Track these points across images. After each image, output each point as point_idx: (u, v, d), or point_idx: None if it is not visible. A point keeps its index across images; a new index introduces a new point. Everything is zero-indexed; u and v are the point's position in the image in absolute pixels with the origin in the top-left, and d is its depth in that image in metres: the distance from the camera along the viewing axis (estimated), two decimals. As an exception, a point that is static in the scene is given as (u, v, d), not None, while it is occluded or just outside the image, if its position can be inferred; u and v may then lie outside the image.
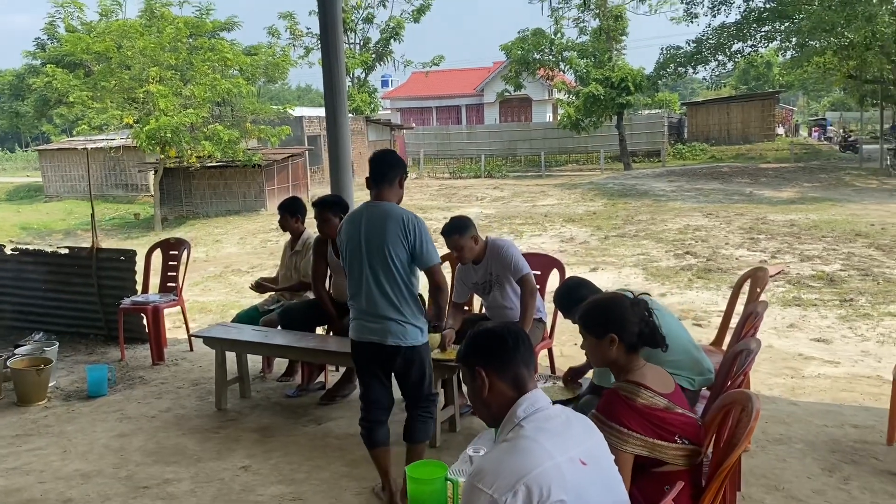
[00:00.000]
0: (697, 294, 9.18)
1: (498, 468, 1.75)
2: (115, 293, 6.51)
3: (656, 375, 2.42)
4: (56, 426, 4.81)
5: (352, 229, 3.40)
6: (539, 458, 1.74)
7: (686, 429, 2.34)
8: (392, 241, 3.28)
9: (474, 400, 2.04)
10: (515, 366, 1.97)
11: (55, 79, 19.94)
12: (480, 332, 2.05)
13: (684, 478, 2.32)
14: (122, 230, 21.39)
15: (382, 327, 3.34)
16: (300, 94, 75.64)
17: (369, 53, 32.42)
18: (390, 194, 3.40)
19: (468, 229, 4.40)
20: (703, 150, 31.99)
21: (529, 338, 2.07)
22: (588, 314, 2.50)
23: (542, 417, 1.89)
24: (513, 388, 1.95)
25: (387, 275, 3.30)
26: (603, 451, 1.96)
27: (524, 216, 17.25)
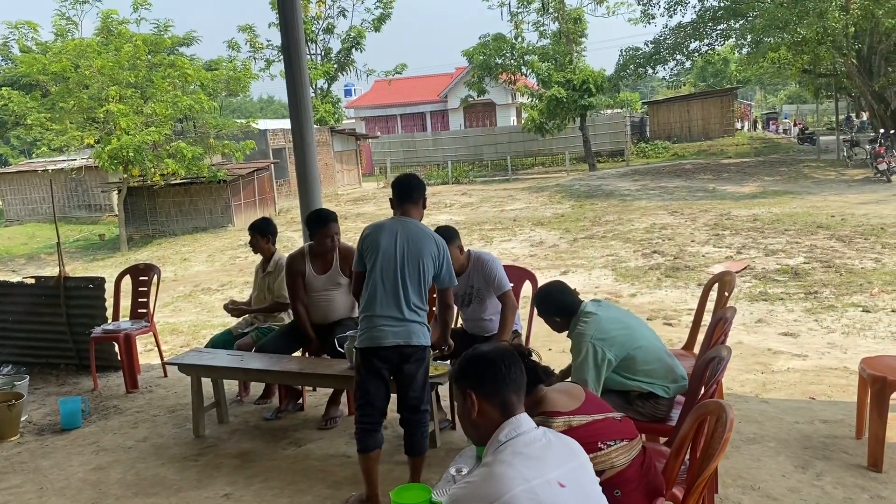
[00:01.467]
0: (667, 293, 9.32)
1: (472, 495, 1.81)
2: (85, 321, 6.42)
3: (560, 396, 2.50)
4: (30, 462, 4.73)
5: (388, 239, 3.63)
6: (511, 483, 1.79)
7: (607, 431, 2.41)
8: (426, 255, 3.63)
9: (463, 419, 2.11)
10: (505, 391, 2.03)
11: (11, 101, 19.58)
12: (475, 356, 2.11)
13: (633, 478, 2.38)
14: (88, 252, 21.04)
15: (406, 329, 3.59)
16: (262, 106, 75.20)
17: (331, 63, 32.39)
18: (416, 213, 3.77)
19: (453, 240, 4.43)
20: (666, 147, 32.49)
21: (522, 364, 2.13)
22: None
23: (522, 442, 1.94)
24: (500, 413, 2.01)
25: (415, 284, 3.61)
26: (585, 473, 2.01)
27: (493, 221, 17.35)
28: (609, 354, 3.35)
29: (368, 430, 3.59)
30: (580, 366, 3.37)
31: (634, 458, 2.40)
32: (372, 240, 3.65)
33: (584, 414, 2.44)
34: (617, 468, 2.36)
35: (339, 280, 4.92)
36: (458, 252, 4.47)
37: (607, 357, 3.35)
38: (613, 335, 3.38)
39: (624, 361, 3.40)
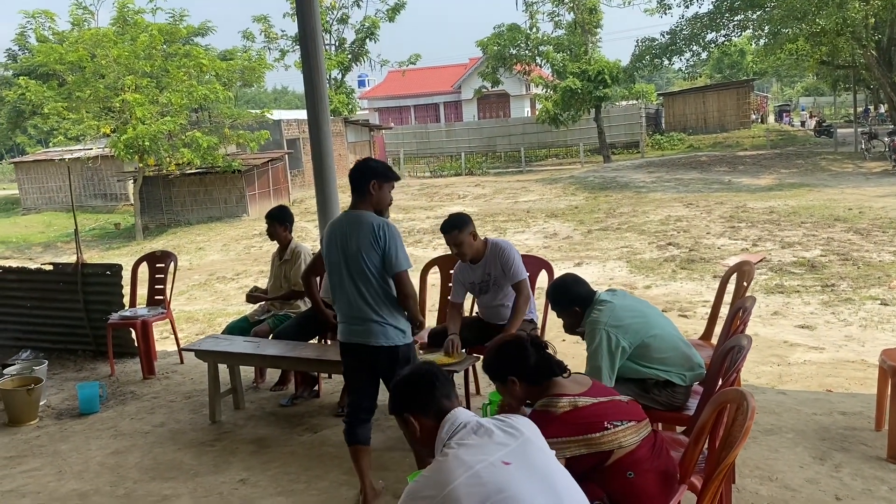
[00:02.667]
0: (682, 285, 9.28)
1: (423, 487, 1.96)
2: (102, 308, 6.47)
3: (568, 382, 2.56)
4: (49, 446, 4.78)
5: (332, 238, 3.56)
6: (456, 473, 1.93)
7: (612, 412, 2.42)
8: (366, 247, 3.45)
9: (412, 442, 2.30)
10: (436, 402, 2.18)
11: (28, 90, 19.71)
12: (398, 383, 2.28)
13: (644, 459, 2.38)
14: (104, 241, 21.20)
15: (365, 329, 3.51)
16: (277, 97, 75.28)
17: (345, 54, 32.33)
18: (362, 203, 3.57)
19: (466, 225, 4.44)
20: (681, 139, 32.26)
21: (443, 371, 2.31)
22: (487, 366, 2.70)
23: (464, 433, 2.07)
24: (436, 420, 2.16)
25: (363, 280, 3.47)
26: (531, 447, 2.08)
27: (507, 213, 17.31)
28: (623, 342, 3.33)
29: (353, 423, 3.58)
30: (594, 353, 3.36)
31: (644, 438, 2.40)
32: (324, 240, 3.63)
33: (590, 396, 2.45)
34: (626, 448, 2.37)
35: None
36: (471, 238, 4.47)
37: (621, 344, 3.33)
38: (628, 323, 3.37)
39: (639, 349, 3.38)
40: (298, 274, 5.28)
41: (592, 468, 2.43)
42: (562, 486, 2.03)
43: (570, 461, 2.40)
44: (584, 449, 2.38)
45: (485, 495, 1.89)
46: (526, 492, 1.93)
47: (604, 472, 2.41)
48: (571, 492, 2.04)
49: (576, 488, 2.07)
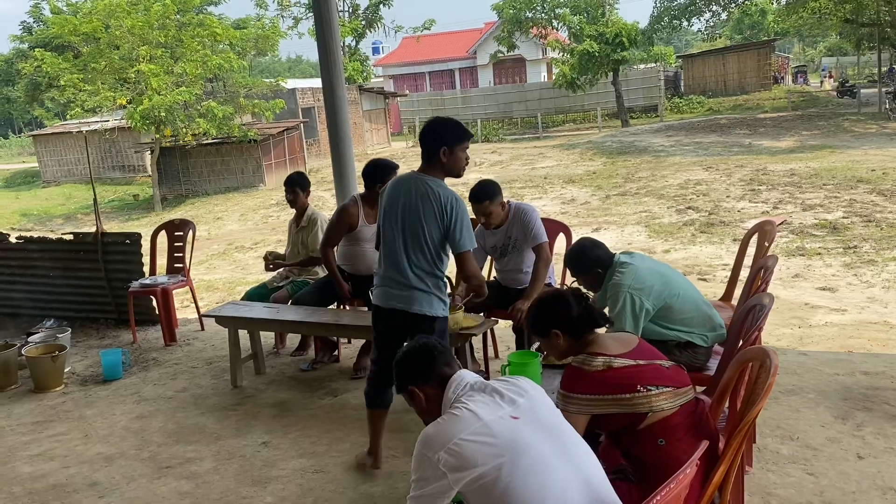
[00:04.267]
0: (701, 249, 9.21)
1: (435, 433, 2.02)
2: (123, 276, 6.53)
3: (611, 340, 2.55)
4: (75, 411, 4.87)
5: (394, 197, 3.41)
6: (466, 423, 1.99)
7: (649, 376, 2.39)
8: (429, 220, 3.31)
9: (420, 413, 2.28)
10: (438, 371, 2.24)
11: (44, 63, 19.77)
12: (399, 359, 2.33)
13: (679, 427, 2.36)
14: (123, 212, 21.37)
15: (409, 295, 3.39)
16: (291, 66, 74.92)
17: (359, 21, 32.08)
18: (431, 169, 3.38)
19: (495, 195, 4.38)
20: (701, 102, 31.78)
21: (441, 341, 2.39)
22: (531, 320, 2.71)
23: (471, 392, 2.13)
24: (441, 388, 2.21)
25: (418, 250, 3.36)
26: (538, 403, 2.11)
27: (524, 179, 17.21)
28: (647, 304, 3.32)
29: (377, 388, 3.55)
30: (618, 316, 3.34)
31: (683, 405, 2.37)
32: (384, 197, 3.48)
33: (629, 358, 2.42)
34: (659, 413, 2.34)
35: None
36: (499, 208, 4.43)
37: (645, 306, 3.32)
38: (650, 284, 3.34)
39: (661, 311, 3.37)
40: (316, 241, 5.30)
41: (624, 429, 2.41)
42: (570, 442, 2.05)
43: (601, 418, 2.39)
44: (613, 408, 2.37)
45: (495, 447, 1.93)
46: (536, 445, 1.96)
47: (635, 436, 2.39)
48: (579, 446, 2.06)
49: (584, 444, 2.09)
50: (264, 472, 3.79)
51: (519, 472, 1.91)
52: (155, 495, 3.66)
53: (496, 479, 1.90)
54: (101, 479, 3.88)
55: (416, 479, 2.02)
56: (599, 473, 2.03)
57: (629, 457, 2.45)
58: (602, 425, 2.44)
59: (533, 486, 1.90)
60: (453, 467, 1.93)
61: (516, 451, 1.93)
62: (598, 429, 2.47)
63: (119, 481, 3.84)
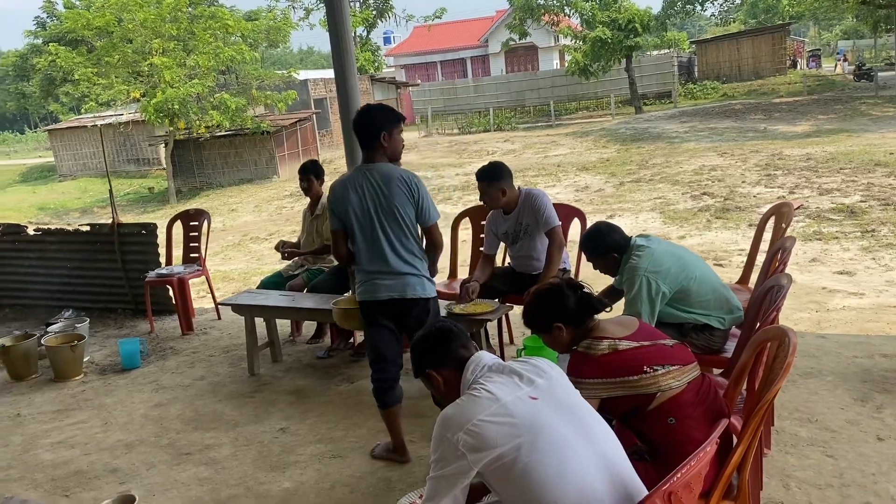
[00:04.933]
0: (717, 234, 9.15)
1: (454, 414, 2.01)
2: (139, 267, 6.58)
3: (612, 325, 2.54)
4: (95, 399, 4.92)
5: (356, 194, 3.40)
6: (485, 404, 1.99)
7: (654, 356, 2.39)
8: (401, 201, 3.38)
9: (439, 397, 2.27)
10: (454, 353, 2.23)
11: (58, 57, 19.88)
12: (415, 343, 2.32)
13: (688, 404, 2.36)
14: (138, 204, 21.51)
15: (401, 282, 3.43)
16: (302, 57, 74.91)
17: (369, 10, 32.00)
18: (375, 155, 3.44)
19: (503, 178, 4.39)
20: (715, 88, 31.48)
21: (457, 324, 2.34)
22: (529, 319, 2.69)
23: (490, 373, 2.12)
24: (458, 370, 2.20)
25: (400, 234, 3.41)
26: (556, 384, 2.11)
27: (537, 168, 17.15)
28: (663, 287, 3.30)
29: (384, 387, 3.52)
30: (633, 299, 3.33)
31: (690, 382, 2.36)
32: (341, 197, 3.41)
33: (632, 340, 2.42)
34: (668, 392, 2.33)
35: None
36: (507, 190, 4.41)
37: (661, 289, 3.30)
38: (667, 267, 3.32)
39: (678, 294, 3.35)
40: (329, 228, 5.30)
41: (633, 412, 2.41)
42: (589, 421, 2.05)
43: (609, 402, 2.39)
44: (621, 391, 2.36)
45: (514, 427, 1.93)
46: (555, 425, 1.96)
47: (645, 417, 2.39)
48: (599, 426, 2.06)
49: (602, 423, 2.08)
50: (282, 458, 3.81)
51: (538, 452, 1.91)
52: (174, 481, 3.70)
53: (515, 459, 1.90)
54: (122, 466, 3.92)
55: (436, 460, 2.02)
56: (619, 452, 2.03)
57: (642, 438, 2.45)
58: (611, 410, 2.43)
59: (552, 465, 1.90)
60: (472, 448, 1.93)
61: (535, 431, 1.93)
62: (608, 414, 2.46)
63: (139, 468, 3.88)
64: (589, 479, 1.91)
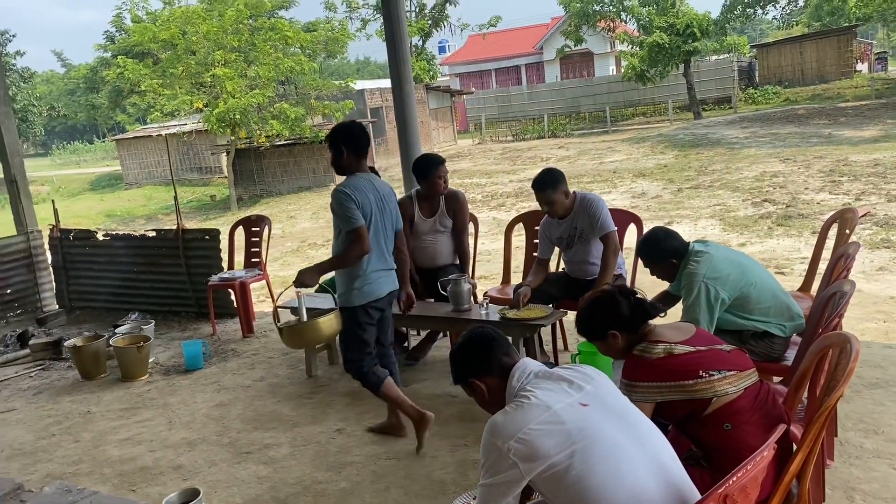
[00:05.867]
0: (778, 242, 8.92)
1: (504, 422, 1.98)
2: (203, 271, 6.79)
3: (668, 329, 2.52)
4: (159, 399, 5.09)
5: (371, 197, 3.73)
6: (535, 412, 1.96)
7: (710, 361, 2.36)
8: (395, 209, 3.91)
9: (483, 405, 2.25)
10: (497, 360, 2.20)
11: (126, 69, 20.59)
12: (455, 351, 2.30)
13: (745, 410, 2.32)
14: (201, 212, 22.11)
15: (393, 277, 3.94)
16: (359, 68, 75.85)
17: (425, 20, 32.24)
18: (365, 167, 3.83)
19: (559, 183, 4.39)
20: (777, 93, 30.68)
21: (497, 330, 2.31)
22: (583, 327, 2.68)
23: (537, 380, 2.10)
24: (502, 378, 2.17)
25: (391, 237, 3.89)
26: (605, 390, 2.09)
27: (592, 174, 17.00)
28: (722, 293, 3.26)
29: (370, 371, 3.87)
30: (692, 305, 3.29)
31: (747, 388, 2.33)
32: (363, 198, 3.68)
33: (688, 345, 2.40)
34: (724, 398, 2.30)
35: (445, 223, 5.00)
36: (563, 196, 4.42)
37: (721, 296, 3.26)
38: (726, 273, 3.28)
39: (737, 300, 3.30)
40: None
41: (688, 417, 2.39)
42: (640, 426, 2.03)
43: (664, 407, 2.38)
44: (676, 395, 2.35)
45: (567, 435, 1.91)
46: (607, 431, 1.94)
47: (700, 422, 2.37)
48: (651, 431, 2.04)
49: (654, 428, 2.06)
50: (339, 458, 3.89)
51: (591, 459, 1.89)
52: (235, 479, 3.80)
53: (569, 467, 1.88)
54: (185, 463, 4.06)
55: (486, 467, 2.00)
56: (672, 457, 2.01)
57: (698, 444, 2.43)
58: (666, 415, 2.41)
59: (606, 472, 1.88)
60: (524, 457, 1.91)
61: (588, 438, 1.91)
62: (663, 419, 2.44)
63: (201, 465, 4.01)
64: (642, 485, 1.90)
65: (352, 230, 3.63)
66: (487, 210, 13.89)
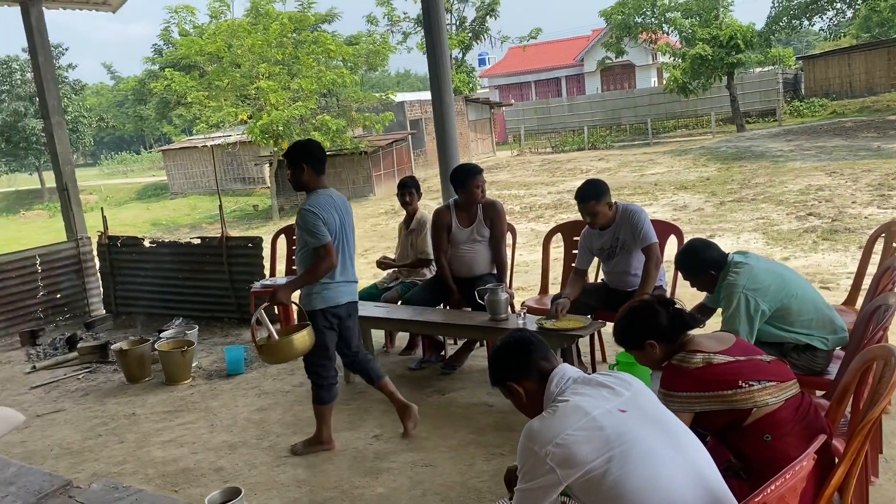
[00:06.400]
0: (823, 256, 8.75)
1: (541, 427, 1.99)
2: (245, 278, 6.91)
3: (707, 339, 2.51)
4: (202, 402, 5.20)
5: (336, 213, 3.95)
6: (573, 418, 1.96)
7: (750, 371, 2.34)
8: (352, 218, 4.11)
9: (521, 409, 2.25)
10: (535, 365, 2.20)
11: (173, 81, 21.10)
12: (494, 353, 2.30)
13: (786, 422, 2.30)
14: (244, 221, 22.49)
15: (354, 287, 4.14)
16: (399, 80, 76.50)
17: (465, 33, 32.43)
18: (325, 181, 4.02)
19: (603, 195, 4.38)
20: (823, 105, 30.10)
21: (535, 333, 2.31)
22: (621, 336, 2.67)
23: (575, 386, 2.10)
24: (539, 382, 2.18)
25: (353, 251, 4.11)
26: (643, 397, 2.09)
27: (632, 186, 16.88)
28: (763, 305, 3.22)
29: (333, 383, 4.09)
30: (731, 317, 3.26)
31: (788, 400, 2.31)
32: (329, 216, 3.87)
33: (727, 355, 2.38)
34: (764, 408, 2.28)
35: (483, 232, 5.03)
36: (606, 208, 4.41)
37: (761, 308, 3.22)
38: (766, 284, 3.25)
39: (778, 312, 3.26)
40: (424, 243, 5.46)
41: (728, 427, 2.37)
42: (678, 434, 2.02)
43: (704, 417, 2.36)
44: (715, 405, 2.33)
45: (605, 440, 1.91)
46: (645, 438, 1.93)
47: (741, 433, 2.35)
48: (689, 439, 2.03)
49: (693, 437, 2.05)
50: (376, 464, 3.92)
51: (629, 465, 1.88)
52: (274, 482, 3.87)
53: (606, 472, 1.88)
54: (226, 465, 4.13)
55: (523, 472, 2.01)
56: (710, 465, 2.00)
57: (737, 455, 2.40)
58: (706, 425, 2.40)
59: (643, 478, 1.88)
60: (562, 462, 1.91)
61: (625, 444, 1.91)
62: (702, 429, 2.42)
63: (242, 468, 4.08)
64: (680, 493, 1.89)
65: (320, 246, 3.85)
66: (526, 221, 13.87)
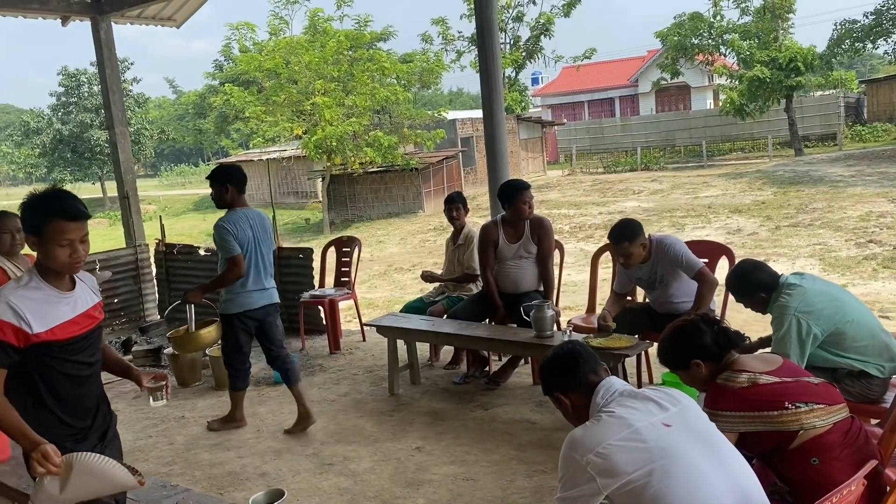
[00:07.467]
0: (883, 285, 8.48)
1: (583, 436, 2.01)
2: (295, 288, 7.03)
3: (754, 360, 2.48)
4: (249, 408, 5.28)
5: (250, 229, 4.52)
6: (616, 429, 1.97)
7: (797, 393, 2.29)
8: (269, 238, 4.67)
9: (568, 418, 2.27)
10: (583, 377, 2.22)
11: (232, 96, 21.67)
12: (545, 364, 2.34)
13: (834, 446, 2.24)
14: (296, 234, 22.88)
15: (272, 292, 4.68)
16: (452, 98, 76.99)
17: (519, 52, 32.48)
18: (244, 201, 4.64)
19: (637, 236, 4.29)
20: (887, 130, 29.22)
21: (585, 346, 2.33)
22: (665, 356, 2.66)
23: (621, 398, 2.11)
24: (587, 394, 2.20)
25: (269, 261, 4.64)
26: (690, 413, 2.07)
27: (685, 208, 16.64)
28: (815, 328, 3.14)
29: (246, 374, 4.77)
30: (782, 340, 3.19)
31: (837, 423, 2.25)
32: (240, 231, 4.44)
33: (774, 375, 2.34)
34: (811, 431, 2.23)
35: (529, 248, 5.02)
36: (640, 249, 4.33)
37: (812, 331, 3.14)
38: (819, 308, 3.17)
39: (832, 336, 3.18)
40: (471, 258, 5.48)
41: (774, 450, 2.33)
42: (723, 451, 2.00)
43: (749, 439, 2.32)
44: (759, 426, 2.29)
45: (646, 453, 1.90)
46: (688, 453, 1.92)
47: (787, 456, 2.30)
48: (734, 457, 2.00)
49: (738, 455, 2.02)
50: (417, 475, 3.94)
51: (670, 479, 1.87)
52: (317, 489, 3.91)
53: (646, 485, 1.87)
54: (270, 471, 4.20)
55: (564, 481, 2.01)
56: (756, 487, 1.96)
57: (783, 479, 2.35)
58: (751, 447, 2.35)
59: (685, 493, 1.86)
60: (602, 471, 1.91)
61: (668, 458, 1.90)
62: (748, 451, 2.38)
63: (285, 473, 4.14)
64: None
65: (229, 258, 4.40)
66: (574, 241, 13.79)
